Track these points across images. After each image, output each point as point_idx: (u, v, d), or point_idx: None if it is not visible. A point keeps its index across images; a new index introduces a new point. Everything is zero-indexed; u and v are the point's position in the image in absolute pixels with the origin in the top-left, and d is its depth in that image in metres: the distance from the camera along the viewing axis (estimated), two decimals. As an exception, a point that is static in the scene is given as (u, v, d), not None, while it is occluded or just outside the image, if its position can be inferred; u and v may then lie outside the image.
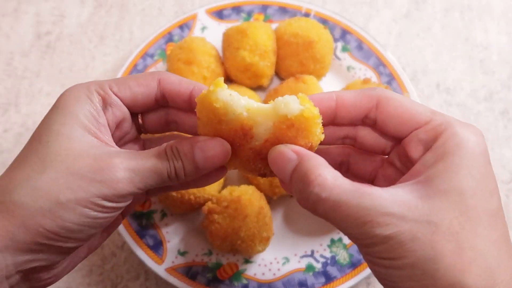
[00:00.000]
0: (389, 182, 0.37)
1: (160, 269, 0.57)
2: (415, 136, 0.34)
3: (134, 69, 0.69)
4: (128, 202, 0.36)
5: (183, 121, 0.42)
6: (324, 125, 0.37)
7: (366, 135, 0.40)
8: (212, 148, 0.36)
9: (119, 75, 0.69)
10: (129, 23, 0.80)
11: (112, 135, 0.39)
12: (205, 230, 0.57)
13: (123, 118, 0.39)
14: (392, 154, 0.39)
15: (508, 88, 0.74)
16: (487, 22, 0.79)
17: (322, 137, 0.36)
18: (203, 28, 0.73)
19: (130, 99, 0.39)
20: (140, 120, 0.42)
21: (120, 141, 0.42)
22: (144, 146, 0.46)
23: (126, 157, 0.34)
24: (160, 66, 0.71)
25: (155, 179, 0.36)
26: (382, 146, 0.39)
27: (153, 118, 0.42)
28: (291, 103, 0.34)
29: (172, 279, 0.56)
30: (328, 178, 0.31)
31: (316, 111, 0.34)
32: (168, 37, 0.72)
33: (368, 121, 0.38)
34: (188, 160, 0.36)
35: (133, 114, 0.42)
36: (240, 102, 0.35)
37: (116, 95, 0.38)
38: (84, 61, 0.77)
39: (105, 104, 0.37)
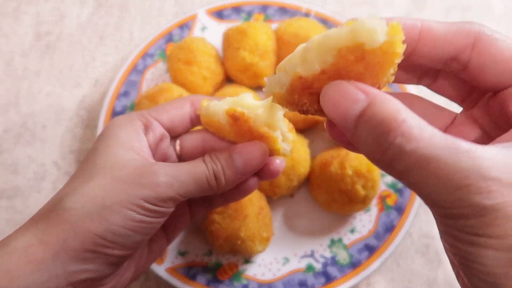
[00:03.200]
0: None
1: (160, 269, 0.57)
2: None
3: (134, 69, 0.69)
4: (171, 209, 0.37)
5: (220, 145, 0.43)
6: None
7: (440, 85, 0.33)
8: (251, 151, 0.38)
9: (119, 75, 0.69)
10: (129, 23, 0.80)
11: (154, 157, 0.41)
12: (205, 230, 0.57)
13: (161, 137, 0.41)
14: (477, 109, 0.32)
15: (508, 88, 0.74)
16: (487, 22, 0.79)
17: (392, 79, 0.29)
18: (203, 28, 0.73)
19: (168, 121, 0.41)
20: (178, 148, 0.43)
21: None
22: None
23: (165, 165, 0.37)
24: (160, 66, 0.71)
25: (194, 186, 0.37)
26: (458, 101, 0.34)
27: (191, 146, 0.43)
28: (378, 32, 0.25)
29: (172, 279, 0.56)
30: (414, 127, 0.24)
31: (401, 48, 0.26)
32: (168, 37, 0.72)
33: (456, 64, 0.30)
34: (227, 165, 0.38)
35: (173, 141, 0.43)
36: (214, 104, 0.38)
37: (155, 119, 0.41)
38: (84, 61, 0.77)
39: (146, 127, 0.40)
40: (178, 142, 0.44)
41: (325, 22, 0.71)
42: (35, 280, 0.32)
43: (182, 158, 0.44)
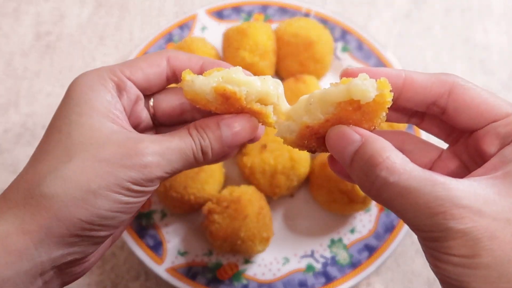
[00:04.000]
0: (450, 176, 0.33)
1: (160, 269, 0.57)
2: (492, 129, 0.32)
3: (134, 69, 0.69)
4: (156, 186, 0.36)
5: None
6: None
7: (427, 124, 0.38)
8: (241, 125, 0.36)
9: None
10: (129, 23, 0.80)
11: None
12: (205, 230, 0.57)
13: (136, 100, 0.39)
14: (459, 146, 0.36)
15: (509, 88, 0.74)
16: (487, 22, 0.79)
17: (384, 120, 0.34)
18: (203, 28, 0.73)
19: (143, 81, 0.38)
20: (151, 109, 0.41)
21: (136, 130, 0.41)
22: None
23: (151, 141, 0.34)
24: (160, 66, 0.71)
25: (181, 162, 0.35)
26: (442, 138, 0.38)
27: (167, 108, 0.41)
28: (370, 90, 0.31)
29: (172, 280, 0.56)
30: (397, 162, 0.29)
31: (389, 97, 0.31)
32: (168, 37, 0.72)
33: (436, 108, 0.35)
34: (215, 138, 0.36)
35: (146, 100, 0.41)
36: (201, 82, 0.35)
37: (129, 79, 0.37)
38: (84, 61, 0.77)
39: (119, 89, 0.37)
40: (152, 101, 0.41)
41: (325, 22, 0.71)
42: (17, 269, 0.31)
43: (156, 119, 0.41)
